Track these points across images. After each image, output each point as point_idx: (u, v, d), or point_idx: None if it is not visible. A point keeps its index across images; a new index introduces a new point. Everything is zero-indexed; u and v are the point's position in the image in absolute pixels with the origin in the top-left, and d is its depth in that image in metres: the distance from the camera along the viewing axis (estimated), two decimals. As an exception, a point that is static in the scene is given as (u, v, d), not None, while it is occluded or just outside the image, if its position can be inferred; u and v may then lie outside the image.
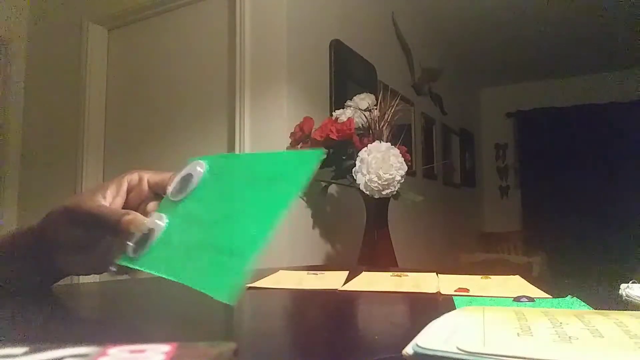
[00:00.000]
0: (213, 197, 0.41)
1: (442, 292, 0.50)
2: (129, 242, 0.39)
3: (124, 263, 0.40)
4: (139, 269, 0.39)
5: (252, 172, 0.41)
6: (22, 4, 2.28)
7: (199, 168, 0.43)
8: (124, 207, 0.46)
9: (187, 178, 0.43)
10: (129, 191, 0.47)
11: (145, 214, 0.43)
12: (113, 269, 0.40)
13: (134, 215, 0.41)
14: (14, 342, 0.18)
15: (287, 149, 1.56)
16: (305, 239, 1.63)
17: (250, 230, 0.36)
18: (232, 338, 0.29)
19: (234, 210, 0.39)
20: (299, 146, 1.48)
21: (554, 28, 3.33)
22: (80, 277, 0.51)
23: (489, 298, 0.46)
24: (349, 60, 1.97)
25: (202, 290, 0.32)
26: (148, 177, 0.47)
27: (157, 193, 0.46)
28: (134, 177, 0.47)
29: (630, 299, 0.41)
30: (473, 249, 3.92)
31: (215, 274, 0.34)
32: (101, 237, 0.44)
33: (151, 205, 0.45)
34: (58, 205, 0.44)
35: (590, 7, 2.98)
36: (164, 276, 0.36)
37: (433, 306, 0.46)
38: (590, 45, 3.63)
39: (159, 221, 0.40)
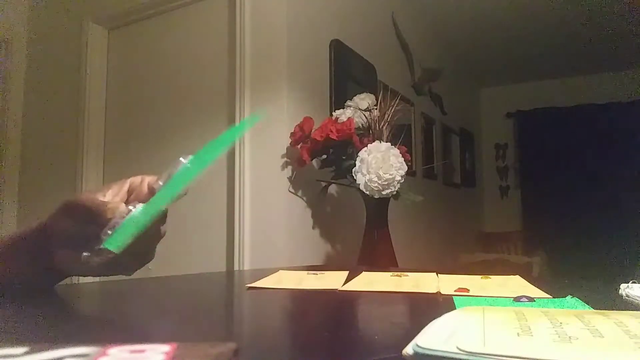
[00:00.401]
0: (173, 180, 0.46)
1: (442, 292, 0.50)
2: (109, 231, 0.42)
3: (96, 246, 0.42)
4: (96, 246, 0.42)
5: (204, 151, 0.48)
6: (22, 4, 2.28)
7: (184, 161, 0.47)
8: None
9: (172, 172, 0.47)
10: (130, 192, 0.49)
11: None
12: (86, 254, 0.42)
13: (114, 204, 0.44)
14: (14, 342, 0.18)
15: (287, 148, 1.56)
16: (305, 239, 1.63)
17: (164, 193, 0.43)
18: (232, 338, 0.29)
19: (171, 184, 0.46)
20: (299, 146, 1.48)
21: (554, 28, 3.33)
22: (80, 277, 0.52)
23: (489, 298, 0.46)
24: (349, 60, 1.97)
25: (105, 246, 0.39)
26: (149, 179, 0.49)
27: (154, 193, 0.48)
28: (136, 179, 0.50)
29: (630, 299, 0.41)
30: (473, 249, 3.92)
31: (121, 230, 0.41)
32: (92, 230, 0.45)
33: None
34: (60, 202, 0.47)
35: (590, 7, 2.98)
36: (105, 247, 0.41)
37: (433, 306, 0.46)
38: (591, 45, 3.63)
39: (131, 207, 0.43)
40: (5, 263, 0.49)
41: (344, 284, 0.57)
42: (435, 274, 0.64)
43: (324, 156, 1.48)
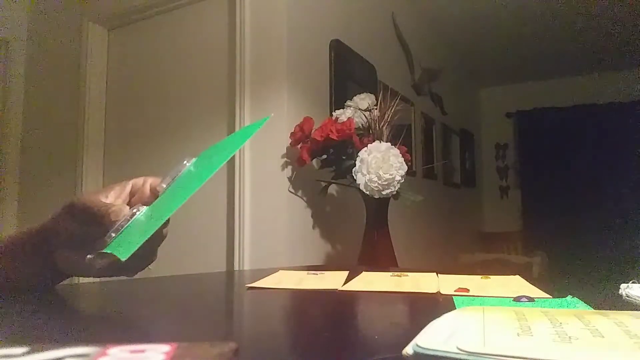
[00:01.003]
0: (177, 183, 0.46)
1: (442, 292, 0.50)
2: (112, 233, 0.42)
3: (99, 250, 0.42)
4: (99, 250, 0.42)
5: (207, 154, 0.48)
6: (22, 4, 2.28)
7: (187, 163, 0.47)
8: None
9: (175, 174, 0.47)
10: (132, 194, 0.49)
11: None
12: (90, 256, 0.42)
13: (118, 207, 0.44)
14: (14, 342, 0.18)
15: (287, 148, 1.56)
16: (305, 239, 1.63)
17: (171, 199, 0.44)
18: (232, 338, 0.29)
19: (176, 188, 0.45)
20: (299, 146, 1.48)
21: (554, 28, 3.33)
22: (81, 277, 0.52)
23: (489, 298, 0.46)
24: (349, 60, 1.97)
25: (110, 251, 0.39)
26: (151, 181, 0.49)
27: (157, 195, 0.48)
28: (139, 181, 0.50)
29: (630, 299, 0.41)
30: (473, 249, 3.92)
31: (129, 236, 0.40)
32: (95, 231, 0.45)
33: None
34: (63, 203, 0.47)
35: (590, 7, 2.98)
36: (107, 251, 0.41)
37: (433, 306, 0.46)
38: (590, 45, 3.63)
39: (135, 210, 0.43)
40: (7, 263, 0.49)
41: (344, 284, 0.57)
42: (435, 274, 0.64)
43: (324, 156, 1.48)
